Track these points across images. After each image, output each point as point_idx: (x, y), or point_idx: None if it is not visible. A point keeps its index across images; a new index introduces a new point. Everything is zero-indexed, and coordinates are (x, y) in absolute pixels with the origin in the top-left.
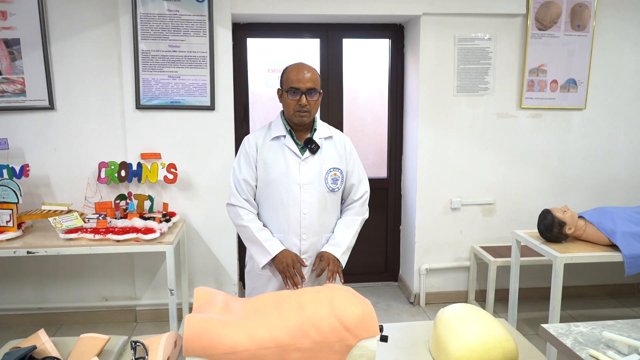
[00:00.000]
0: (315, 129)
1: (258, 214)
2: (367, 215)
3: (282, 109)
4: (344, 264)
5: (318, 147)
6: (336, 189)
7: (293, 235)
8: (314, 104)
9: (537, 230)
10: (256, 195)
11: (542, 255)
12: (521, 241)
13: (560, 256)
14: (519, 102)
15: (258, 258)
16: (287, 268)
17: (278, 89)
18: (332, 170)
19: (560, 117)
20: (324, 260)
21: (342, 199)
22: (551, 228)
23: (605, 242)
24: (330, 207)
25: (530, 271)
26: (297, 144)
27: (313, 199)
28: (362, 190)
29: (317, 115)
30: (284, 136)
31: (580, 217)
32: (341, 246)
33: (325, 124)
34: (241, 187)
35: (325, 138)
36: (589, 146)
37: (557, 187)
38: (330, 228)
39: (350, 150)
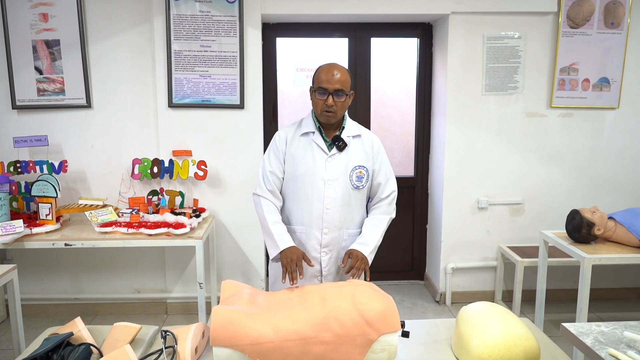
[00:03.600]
0: (343, 127)
1: (283, 206)
2: (394, 215)
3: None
4: (370, 261)
5: (345, 144)
6: (361, 187)
7: (315, 229)
8: (340, 105)
9: (565, 231)
10: (282, 188)
11: (571, 256)
12: (549, 241)
13: (588, 257)
14: (549, 101)
15: (269, 250)
16: (289, 263)
17: (310, 87)
18: (357, 167)
19: (592, 116)
20: (352, 258)
21: (369, 198)
22: (579, 229)
23: (636, 243)
24: (354, 204)
25: (559, 272)
26: (325, 140)
27: (337, 194)
28: (389, 190)
29: (347, 113)
30: (313, 132)
31: (610, 218)
32: (369, 245)
33: (355, 123)
34: (267, 179)
35: (353, 136)
36: (622, 146)
37: (588, 188)
38: (352, 224)
39: (378, 149)
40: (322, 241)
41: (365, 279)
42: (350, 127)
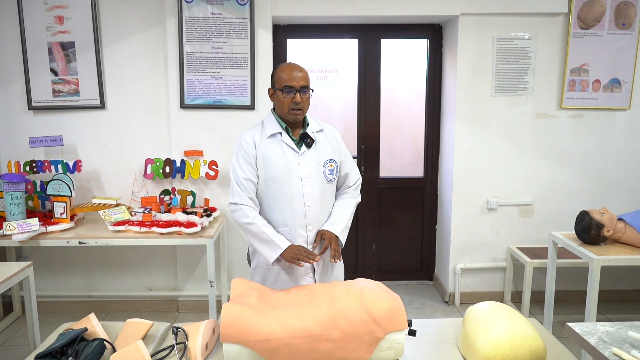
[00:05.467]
0: (308, 124)
1: (261, 211)
2: (360, 199)
3: (272, 107)
4: (343, 242)
5: (313, 140)
6: (333, 180)
7: (299, 228)
8: (306, 100)
9: (574, 232)
10: (258, 192)
11: (580, 258)
12: (558, 243)
13: (596, 258)
14: (560, 102)
15: (267, 253)
16: (299, 253)
17: (269, 89)
18: (328, 161)
19: (602, 117)
20: (326, 239)
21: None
22: (588, 230)
23: None
24: (329, 197)
25: (569, 273)
26: (293, 139)
27: (315, 191)
28: (355, 177)
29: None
30: (280, 133)
31: (620, 219)
32: (339, 224)
33: (314, 119)
34: (244, 186)
35: (317, 132)
36: (633, 147)
37: (598, 189)
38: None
39: (340, 141)
40: (308, 238)
41: (337, 260)
42: (313, 124)
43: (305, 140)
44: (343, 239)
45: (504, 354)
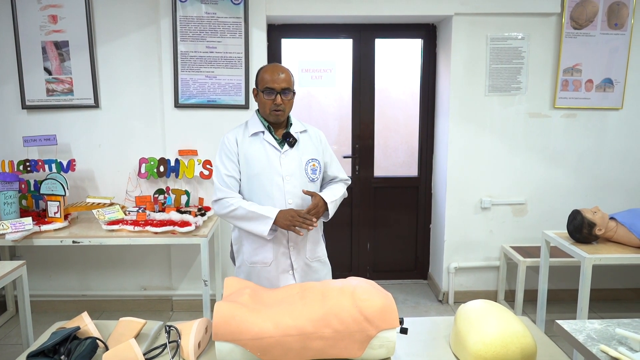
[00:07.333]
0: (291, 124)
1: None
2: (346, 194)
3: (257, 107)
4: (330, 214)
5: (296, 140)
6: (315, 179)
7: None
8: (288, 102)
9: (567, 231)
10: (240, 190)
11: (572, 256)
12: (551, 242)
13: (588, 257)
14: (553, 102)
15: (260, 228)
16: (293, 219)
17: (253, 89)
18: (311, 161)
19: (595, 117)
20: (315, 198)
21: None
22: (580, 229)
23: (636, 244)
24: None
25: (562, 272)
26: (275, 138)
27: (296, 189)
28: (345, 177)
29: (292, 112)
30: (263, 132)
31: (611, 218)
32: (331, 197)
33: (298, 120)
34: (225, 182)
35: (300, 132)
36: (625, 147)
37: (591, 188)
38: None
39: (325, 143)
40: (289, 236)
41: (312, 226)
42: (296, 124)
43: (287, 140)
44: (330, 210)
45: (494, 352)
